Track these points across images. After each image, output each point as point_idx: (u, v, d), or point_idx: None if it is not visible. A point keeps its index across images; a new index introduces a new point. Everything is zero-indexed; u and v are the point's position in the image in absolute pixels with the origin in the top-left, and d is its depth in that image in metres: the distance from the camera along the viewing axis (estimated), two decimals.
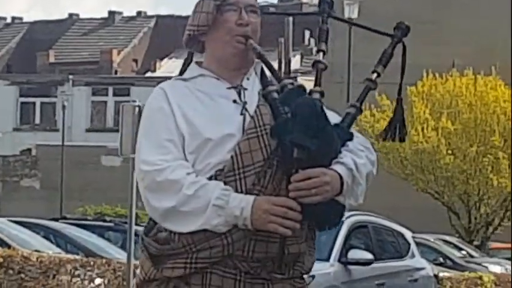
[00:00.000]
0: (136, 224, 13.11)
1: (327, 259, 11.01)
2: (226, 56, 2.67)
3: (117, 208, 23.64)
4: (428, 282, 13.30)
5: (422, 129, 27.39)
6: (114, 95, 40.79)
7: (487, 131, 28.51)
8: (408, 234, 13.74)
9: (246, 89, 2.69)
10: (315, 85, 2.63)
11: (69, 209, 27.26)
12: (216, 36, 2.66)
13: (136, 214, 14.39)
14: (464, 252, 26.01)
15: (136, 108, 12.46)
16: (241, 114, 2.63)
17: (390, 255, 12.60)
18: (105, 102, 41.75)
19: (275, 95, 2.66)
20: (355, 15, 26.01)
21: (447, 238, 26.28)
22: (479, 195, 28.89)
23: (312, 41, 44.01)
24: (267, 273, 2.55)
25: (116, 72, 45.35)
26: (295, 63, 43.25)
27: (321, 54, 2.68)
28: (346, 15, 24.54)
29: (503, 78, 29.56)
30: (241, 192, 2.52)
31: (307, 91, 2.64)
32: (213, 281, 2.53)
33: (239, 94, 2.67)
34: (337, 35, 25.88)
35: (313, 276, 9.20)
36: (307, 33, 46.06)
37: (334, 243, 11.17)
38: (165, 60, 47.07)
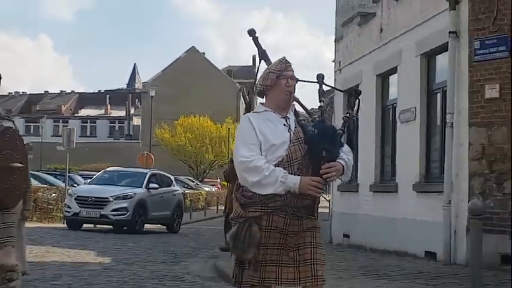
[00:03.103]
0: None
1: (141, 187, 21.54)
2: (280, 102, 4.60)
3: None
4: (180, 196, 24.60)
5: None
6: None
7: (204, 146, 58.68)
8: (172, 177, 25.17)
9: (289, 118, 4.62)
10: (321, 116, 4.65)
11: None
12: (275, 91, 4.60)
13: None
14: (195, 182, 48.71)
15: None
16: (288, 131, 4.55)
17: (166, 185, 23.29)
18: None
19: (303, 122, 4.60)
20: (153, 94, 48.25)
21: (189, 178, 49.10)
22: (200, 162, 59.81)
23: None
24: (302, 214, 4.53)
25: None
26: None
27: (322, 103, 4.67)
28: (151, 94, 48.58)
29: (212, 119, 59.65)
30: (292, 173, 4.43)
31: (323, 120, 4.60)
32: (274, 218, 4.49)
33: (286, 121, 4.59)
34: None
35: (135, 193, 21.06)
36: None
37: (143, 180, 21.84)
38: None
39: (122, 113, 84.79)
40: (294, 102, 4.72)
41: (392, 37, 15.24)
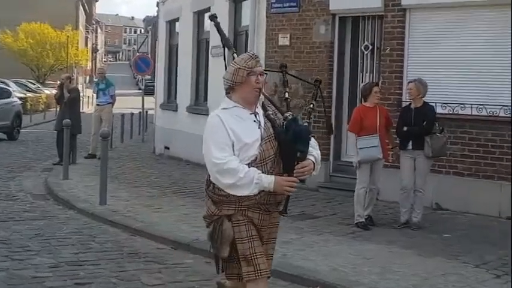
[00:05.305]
0: None
1: None
2: (249, 98, 3.53)
3: None
4: (19, 107, 18.96)
5: None
6: None
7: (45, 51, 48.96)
8: (11, 89, 20.90)
9: (258, 113, 3.57)
10: (287, 107, 3.76)
11: None
12: (244, 87, 3.51)
13: None
14: (37, 85, 39.09)
15: None
16: (259, 128, 3.53)
17: (5, 97, 18.62)
18: None
19: (272, 116, 3.60)
20: None
21: (30, 80, 39.21)
22: (42, 66, 49.50)
23: None
24: (273, 208, 3.65)
25: None
26: None
27: (287, 94, 3.86)
28: None
29: (52, 26, 48.65)
30: (265, 171, 3.47)
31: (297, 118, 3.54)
32: (249, 214, 3.54)
33: (255, 116, 3.55)
34: None
35: None
36: None
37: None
38: None
39: None
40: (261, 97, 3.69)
41: None
